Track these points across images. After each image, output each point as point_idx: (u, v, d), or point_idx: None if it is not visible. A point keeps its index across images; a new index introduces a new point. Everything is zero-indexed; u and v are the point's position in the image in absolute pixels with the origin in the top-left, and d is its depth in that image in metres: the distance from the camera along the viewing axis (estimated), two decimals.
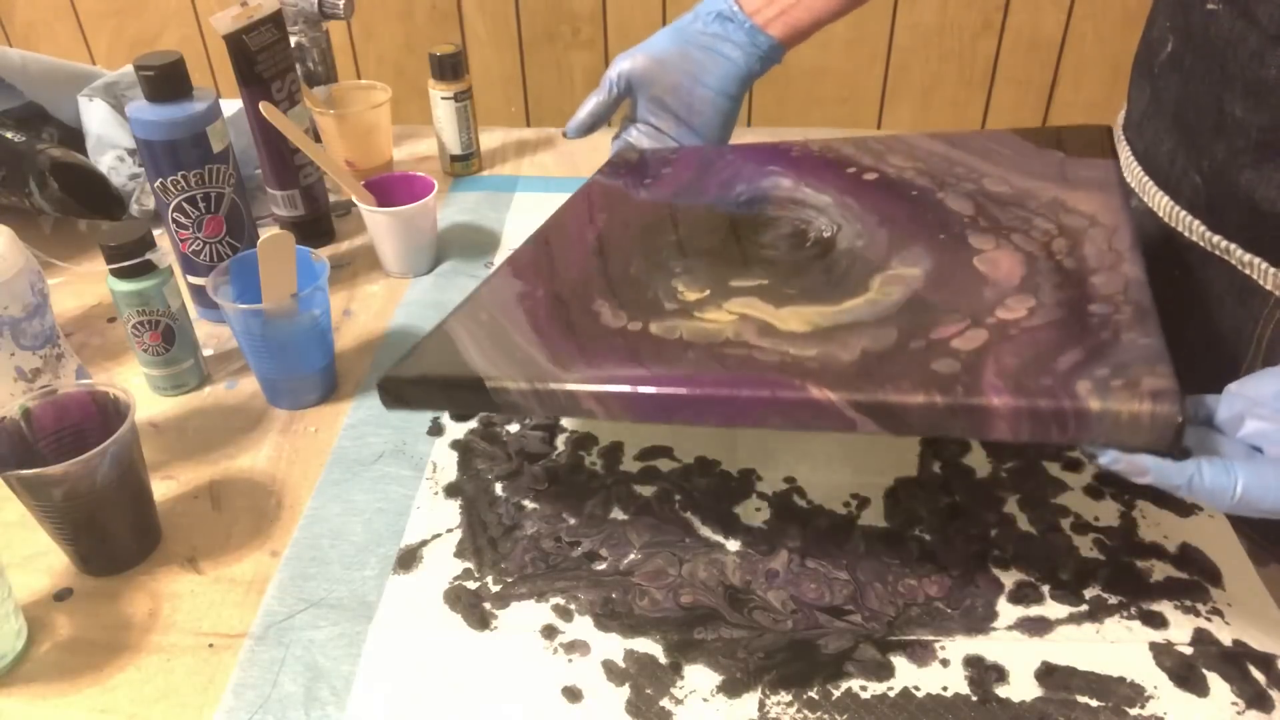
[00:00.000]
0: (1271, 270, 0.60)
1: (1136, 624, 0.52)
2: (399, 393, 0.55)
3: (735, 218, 0.63)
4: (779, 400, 0.46)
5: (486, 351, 0.54)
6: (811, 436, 0.64)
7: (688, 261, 0.59)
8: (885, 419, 0.44)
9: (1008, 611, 0.53)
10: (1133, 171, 0.70)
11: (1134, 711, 0.48)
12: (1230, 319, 0.64)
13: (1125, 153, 0.72)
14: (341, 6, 0.94)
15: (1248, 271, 0.62)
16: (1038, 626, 0.52)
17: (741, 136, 0.79)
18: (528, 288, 0.61)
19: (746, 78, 0.76)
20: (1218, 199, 0.62)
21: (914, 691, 0.49)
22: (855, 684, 0.49)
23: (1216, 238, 0.63)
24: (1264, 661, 0.50)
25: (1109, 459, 0.42)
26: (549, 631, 0.52)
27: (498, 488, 0.61)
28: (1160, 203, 0.67)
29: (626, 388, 0.49)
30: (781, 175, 0.66)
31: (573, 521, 0.59)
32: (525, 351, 0.53)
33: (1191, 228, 0.65)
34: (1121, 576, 0.55)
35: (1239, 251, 0.62)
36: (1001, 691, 0.49)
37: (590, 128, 0.79)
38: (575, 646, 0.52)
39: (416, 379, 0.55)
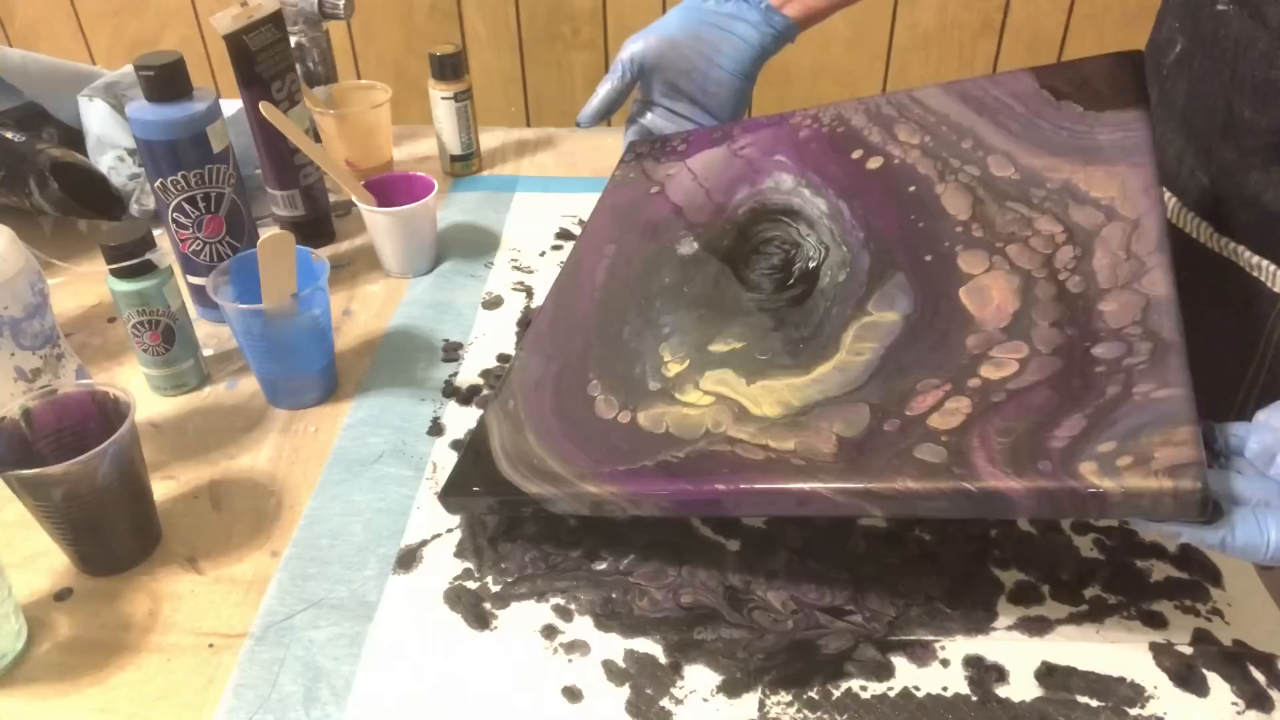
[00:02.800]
0: (1279, 272, 0.60)
1: (1136, 624, 0.52)
2: (461, 505, 0.58)
3: (729, 247, 0.63)
4: (790, 494, 0.46)
5: (510, 455, 0.56)
6: None
7: (677, 316, 0.60)
8: (889, 506, 0.44)
9: (1008, 611, 0.53)
10: None
11: (1134, 711, 0.48)
12: (1237, 321, 0.64)
13: None
14: (341, 6, 0.94)
15: (1255, 273, 0.62)
16: (1038, 626, 0.52)
17: None
18: (542, 364, 0.62)
19: (760, 57, 0.74)
20: (1225, 200, 0.62)
21: (914, 691, 0.49)
22: (855, 684, 0.49)
23: (1223, 239, 0.63)
24: (1264, 661, 0.50)
25: (1140, 528, 0.43)
26: (549, 631, 0.52)
27: None
28: (1167, 204, 0.67)
29: (637, 489, 0.50)
30: (785, 169, 0.65)
31: (573, 522, 0.59)
32: (539, 455, 0.55)
33: (1199, 229, 0.65)
34: (1121, 576, 0.54)
35: (1246, 253, 0.62)
36: (1001, 691, 0.49)
37: (604, 115, 0.77)
38: (575, 646, 0.52)
39: (466, 486, 0.56)
